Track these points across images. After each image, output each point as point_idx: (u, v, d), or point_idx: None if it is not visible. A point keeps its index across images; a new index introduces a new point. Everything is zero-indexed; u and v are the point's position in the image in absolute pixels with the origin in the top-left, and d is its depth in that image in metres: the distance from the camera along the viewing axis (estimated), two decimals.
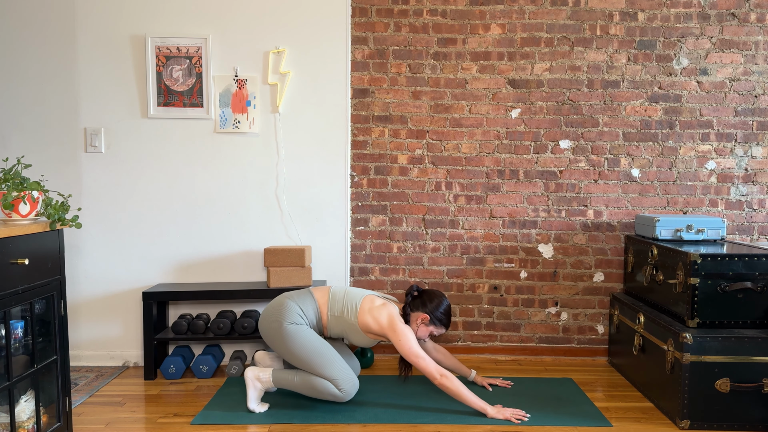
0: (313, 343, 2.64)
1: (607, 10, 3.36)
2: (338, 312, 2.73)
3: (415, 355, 2.62)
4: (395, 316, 2.69)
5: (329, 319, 2.74)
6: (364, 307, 2.72)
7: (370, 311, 2.70)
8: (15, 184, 2.12)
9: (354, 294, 2.78)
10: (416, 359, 2.61)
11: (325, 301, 2.76)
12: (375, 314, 2.69)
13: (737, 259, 2.58)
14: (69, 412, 2.37)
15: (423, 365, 2.61)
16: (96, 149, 3.33)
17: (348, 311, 2.72)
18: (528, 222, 3.46)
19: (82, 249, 3.37)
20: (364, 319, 2.70)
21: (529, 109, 3.41)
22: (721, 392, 2.50)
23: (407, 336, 2.64)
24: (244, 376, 2.72)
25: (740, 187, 3.42)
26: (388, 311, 2.70)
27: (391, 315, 2.69)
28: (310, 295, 2.77)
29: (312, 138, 3.39)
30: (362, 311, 2.71)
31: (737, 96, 3.38)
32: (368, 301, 2.74)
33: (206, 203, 3.39)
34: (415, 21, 3.37)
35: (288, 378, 2.70)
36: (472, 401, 2.61)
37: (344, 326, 2.74)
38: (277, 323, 2.66)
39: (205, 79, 3.31)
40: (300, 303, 2.72)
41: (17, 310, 2.18)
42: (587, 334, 3.50)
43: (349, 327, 2.73)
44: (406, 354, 2.63)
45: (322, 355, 2.63)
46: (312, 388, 2.65)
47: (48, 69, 3.28)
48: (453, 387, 2.59)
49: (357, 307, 2.72)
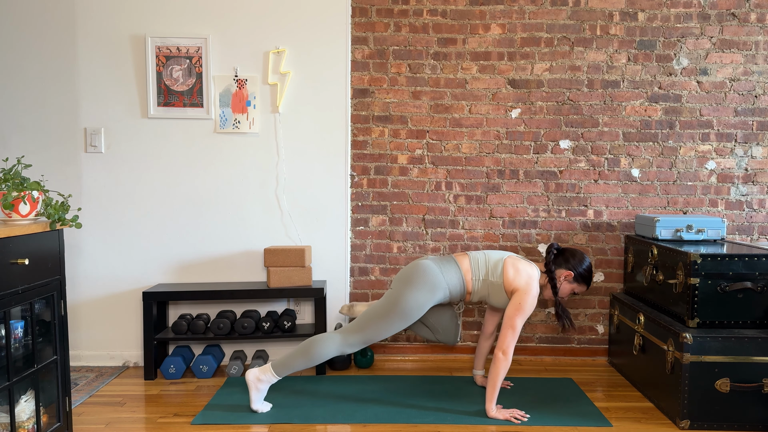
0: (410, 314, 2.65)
1: (607, 10, 3.36)
2: (483, 275, 2.74)
3: (514, 324, 2.62)
4: (534, 282, 2.68)
5: (473, 284, 2.74)
6: (509, 261, 2.73)
7: (514, 264, 2.71)
8: (15, 184, 2.12)
9: (495, 256, 2.78)
10: (510, 329, 2.61)
11: (468, 268, 2.75)
12: (519, 267, 2.70)
13: (737, 259, 2.58)
14: (69, 412, 2.37)
15: (508, 335, 2.61)
16: (96, 149, 3.33)
17: (492, 272, 2.73)
18: (528, 222, 3.46)
19: (82, 249, 3.37)
20: (507, 272, 2.70)
21: (529, 109, 3.41)
22: (721, 392, 2.50)
23: (526, 307, 2.64)
24: (246, 378, 2.72)
25: (740, 187, 3.42)
26: (532, 272, 2.70)
27: (531, 277, 2.68)
28: (454, 264, 2.76)
29: (312, 138, 3.39)
30: (506, 266, 2.71)
31: (737, 96, 3.38)
32: (512, 259, 2.75)
33: (206, 203, 3.39)
34: (415, 21, 3.38)
35: (288, 359, 2.68)
36: (493, 391, 2.63)
37: (488, 288, 2.74)
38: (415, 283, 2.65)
39: (205, 79, 3.31)
40: (446, 275, 2.70)
41: (17, 310, 2.18)
42: (587, 334, 3.50)
43: (493, 287, 2.73)
44: (509, 315, 2.63)
45: (397, 323, 2.65)
46: (316, 350, 2.65)
47: (48, 69, 3.28)
48: (500, 368, 2.60)
49: (501, 267, 2.73)
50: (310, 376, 3.20)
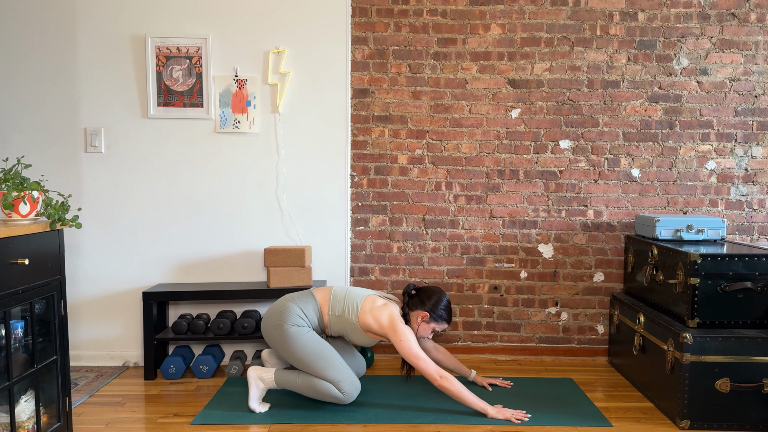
0: (315, 346, 2.64)
1: (607, 10, 3.36)
2: (339, 311, 2.73)
3: (415, 356, 2.62)
4: (396, 317, 2.68)
5: (330, 318, 2.74)
6: (365, 307, 2.72)
7: (371, 311, 2.70)
8: (15, 184, 2.12)
9: (355, 294, 2.78)
10: (416, 360, 2.61)
11: (326, 301, 2.76)
12: (376, 314, 2.69)
13: (737, 259, 2.58)
14: (69, 412, 2.37)
15: (423, 366, 2.61)
16: (96, 149, 3.33)
17: (349, 311, 2.72)
18: (528, 222, 3.46)
19: (82, 249, 3.37)
20: (365, 318, 2.70)
21: (529, 109, 3.41)
22: (721, 392, 2.50)
23: (407, 337, 2.64)
24: (247, 375, 2.72)
25: (740, 187, 3.42)
26: (389, 311, 2.70)
27: (391, 315, 2.68)
28: (311, 296, 2.77)
29: (312, 138, 3.39)
30: (363, 311, 2.71)
31: (737, 96, 3.38)
32: (369, 300, 2.74)
33: (206, 203, 3.39)
34: (415, 21, 3.37)
35: (290, 379, 2.70)
36: (473, 402, 2.61)
37: (345, 325, 2.74)
38: (279, 326, 2.67)
39: (205, 79, 3.31)
40: (301, 305, 2.72)
41: (17, 310, 2.18)
42: (587, 334, 3.50)
43: (350, 326, 2.73)
44: (406, 355, 2.63)
45: (323, 358, 2.63)
46: (314, 389, 2.65)
47: (48, 69, 3.28)
48: (453, 389, 2.59)
49: (358, 306, 2.72)
50: None
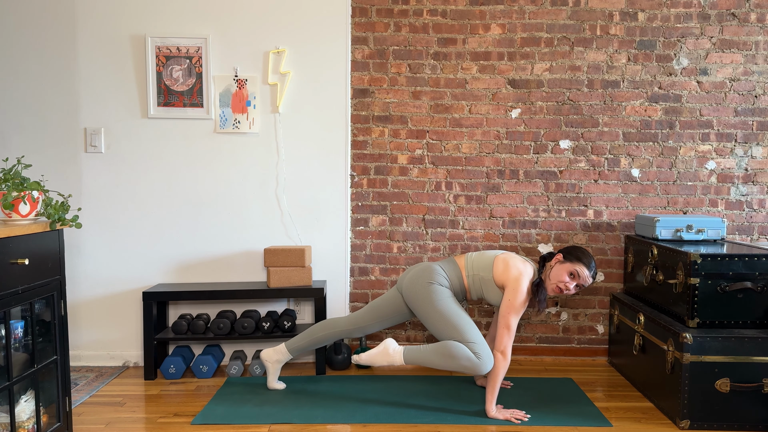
0: (454, 306, 2.68)
1: (607, 10, 3.36)
2: (474, 269, 2.76)
3: (508, 323, 2.61)
4: (525, 277, 2.65)
5: (468, 280, 2.77)
6: (500, 257, 2.74)
7: (504, 260, 2.72)
8: (15, 184, 2.12)
9: (488, 253, 2.81)
10: (505, 327, 2.61)
11: (463, 264, 2.79)
12: (509, 262, 2.70)
13: (737, 259, 2.58)
14: (69, 412, 2.37)
15: (504, 335, 2.61)
16: (96, 149, 3.33)
17: (483, 267, 2.75)
18: (528, 222, 3.46)
19: (82, 249, 3.37)
20: (497, 267, 2.70)
21: (529, 109, 3.41)
22: (721, 392, 2.50)
23: (519, 303, 2.62)
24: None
25: (740, 187, 3.42)
26: (523, 269, 2.67)
27: (522, 272, 2.66)
28: (453, 262, 2.82)
29: (312, 138, 3.39)
30: (497, 260, 2.73)
31: (737, 96, 3.38)
32: (504, 255, 2.76)
33: (206, 203, 3.39)
34: (415, 21, 3.37)
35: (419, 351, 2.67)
36: (493, 392, 2.63)
37: (480, 283, 2.76)
38: (425, 283, 2.71)
39: (205, 79, 3.31)
40: (445, 268, 2.78)
41: (17, 310, 2.18)
42: (587, 334, 3.50)
43: (485, 283, 2.74)
44: (503, 314, 2.62)
45: (462, 318, 2.65)
46: (448, 352, 2.60)
47: (48, 69, 3.28)
48: (499, 368, 2.60)
49: (492, 261, 2.74)
50: (309, 376, 3.20)
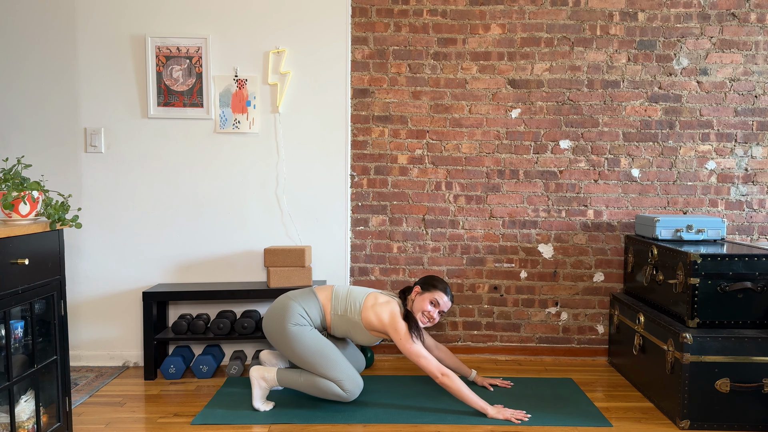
0: (317, 344, 2.65)
1: (607, 10, 3.36)
2: (341, 311, 2.74)
3: (417, 354, 2.62)
4: (397, 314, 2.69)
5: (333, 318, 2.75)
6: (367, 304, 2.72)
7: (373, 307, 2.71)
8: (15, 184, 2.12)
9: (357, 292, 2.79)
10: (417, 358, 2.62)
11: (328, 300, 2.76)
12: (377, 310, 2.70)
13: (737, 259, 2.58)
14: (69, 412, 2.37)
15: (425, 364, 2.61)
16: (96, 149, 3.33)
17: (351, 309, 2.73)
18: (528, 222, 3.46)
19: (82, 249, 3.37)
20: (367, 315, 2.70)
21: (529, 109, 3.41)
22: (721, 392, 2.50)
23: (406, 336, 2.64)
24: (249, 375, 2.72)
25: (740, 187, 3.42)
26: (391, 308, 2.70)
27: (393, 312, 2.69)
28: (313, 295, 2.77)
29: (312, 138, 3.39)
30: (365, 308, 2.71)
31: (737, 96, 3.38)
32: (371, 298, 2.75)
33: (206, 203, 3.38)
34: (415, 21, 3.37)
35: (293, 377, 2.70)
36: (473, 401, 2.61)
37: (348, 325, 2.75)
38: (281, 325, 2.67)
39: (205, 79, 3.31)
40: (303, 304, 2.72)
41: (17, 310, 2.18)
42: (587, 334, 3.50)
43: (353, 325, 2.74)
44: (407, 352, 2.63)
45: (325, 357, 2.63)
46: (316, 388, 2.65)
47: (48, 69, 3.28)
48: (454, 386, 2.60)
49: (360, 304, 2.73)
50: None
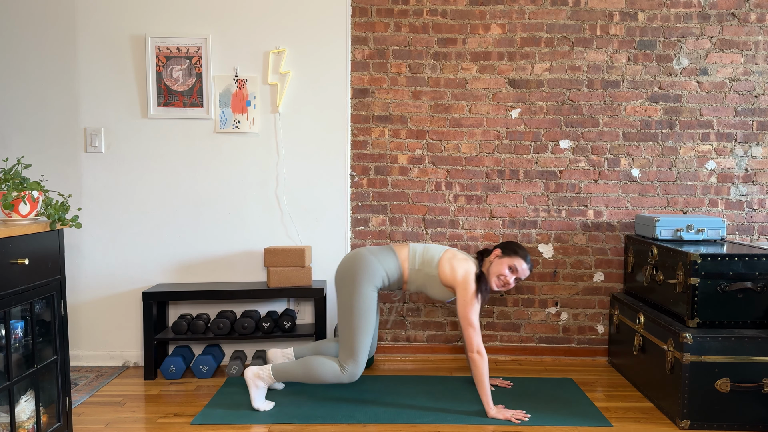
0: (369, 317, 2.68)
1: (607, 10, 3.36)
2: (419, 265, 2.76)
3: (470, 321, 2.63)
4: (471, 275, 2.69)
5: (410, 273, 2.77)
6: (445, 257, 2.74)
7: (450, 260, 2.72)
8: (15, 184, 2.12)
9: (435, 248, 2.82)
10: (468, 326, 2.63)
11: (406, 257, 2.79)
12: (454, 263, 2.71)
13: (737, 259, 2.58)
14: (69, 412, 2.37)
15: (471, 334, 2.62)
16: (96, 149, 3.33)
17: (428, 263, 2.75)
18: (528, 222, 3.46)
19: (82, 249, 3.37)
20: (443, 268, 2.72)
21: (529, 109, 3.41)
22: (721, 392, 2.50)
23: (473, 300, 2.65)
24: (245, 376, 2.72)
25: (740, 187, 3.42)
26: (468, 267, 2.71)
27: (468, 271, 2.69)
28: (392, 253, 2.80)
29: (312, 138, 3.39)
30: (442, 260, 2.73)
31: (737, 96, 3.38)
32: (450, 253, 2.77)
33: (206, 203, 3.39)
34: (415, 21, 3.37)
35: (288, 368, 2.70)
36: (485, 393, 2.62)
37: (424, 279, 2.77)
38: (358, 281, 2.69)
39: (205, 79, 3.31)
40: (383, 261, 2.75)
41: (17, 310, 2.18)
42: (587, 334, 3.50)
43: (429, 279, 2.75)
44: (462, 315, 2.65)
45: (364, 331, 2.67)
46: (314, 372, 2.66)
47: (48, 69, 3.28)
48: (481, 368, 2.61)
49: (438, 258, 2.75)
50: None
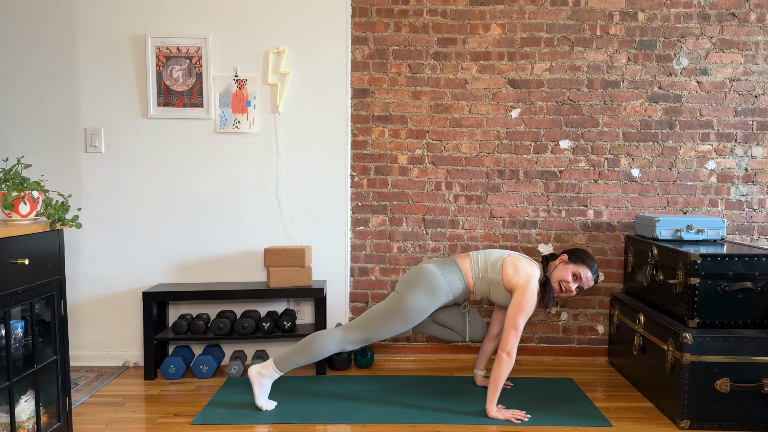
0: (410, 315, 2.69)
1: (607, 10, 3.36)
2: (482, 273, 2.77)
3: (515, 324, 2.63)
4: (534, 280, 2.70)
5: (474, 282, 2.78)
6: (508, 260, 2.75)
7: (513, 263, 2.74)
8: (15, 184, 2.12)
9: (497, 253, 2.83)
10: (512, 328, 2.63)
11: (468, 267, 2.79)
12: (518, 265, 2.72)
13: (737, 259, 2.58)
14: (69, 412, 2.37)
15: (511, 335, 2.63)
16: (96, 149, 3.33)
17: (491, 269, 2.76)
18: (528, 222, 3.46)
19: (82, 249, 3.37)
20: (507, 271, 2.72)
21: (529, 109, 3.41)
22: (721, 392, 2.50)
23: (527, 305, 2.65)
24: (249, 375, 2.73)
25: (740, 187, 3.42)
26: (532, 270, 2.72)
27: (531, 275, 2.70)
28: (453, 263, 2.80)
29: (312, 138, 3.39)
30: (505, 264, 2.74)
31: (737, 96, 3.38)
32: (512, 256, 2.78)
33: (206, 203, 3.39)
34: (415, 21, 3.37)
35: (289, 355, 2.70)
36: (495, 392, 2.63)
37: (488, 285, 2.77)
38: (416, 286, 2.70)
39: (205, 79, 3.31)
40: (445, 271, 2.75)
41: (17, 310, 2.18)
42: (587, 334, 3.50)
43: (493, 285, 2.76)
44: (511, 315, 2.65)
45: (397, 325, 2.70)
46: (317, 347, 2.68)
47: (48, 69, 3.28)
48: (503, 369, 2.61)
49: (501, 263, 2.76)
50: (310, 376, 3.20)
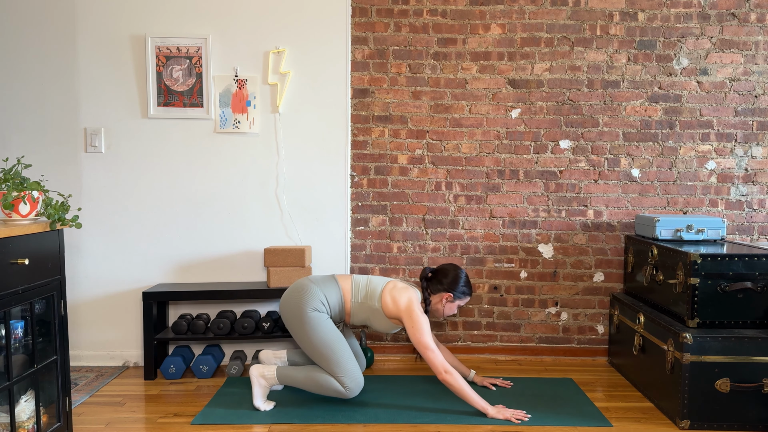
0: (329, 335, 2.65)
1: (607, 10, 3.36)
2: (361, 298, 2.75)
3: (425, 346, 2.62)
4: (414, 302, 2.69)
5: (353, 306, 2.75)
6: (386, 288, 2.74)
7: (391, 291, 2.72)
8: (15, 184, 2.12)
9: (377, 280, 2.81)
10: (425, 350, 2.62)
11: (348, 288, 2.77)
12: (395, 294, 2.71)
13: (737, 259, 2.58)
14: (69, 412, 2.37)
15: (431, 357, 2.61)
16: (96, 149, 3.33)
17: (371, 296, 2.74)
18: (528, 222, 3.46)
19: (82, 249, 3.37)
20: (385, 299, 2.71)
21: (529, 109, 3.41)
22: (721, 392, 2.50)
23: (422, 325, 2.64)
24: (249, 373, 2.73)
25: (740, 187, 3.42)
26: (409, 295, 2.71)
27: (410, 299, 2.69)
28: (334, 282, 2.77)
29: (312, 138, 3.39)
30: (384, 292, 2.73)
31: (737, 96, 3.38)
32: (391, 284, 2.76)
33: (206, 203, 3.39)
34: (415, 21, 3.37)
35: (292, 374, 2.70)
36: (475, 400, 2.61)
37: (368, 312, 2.75)
38: (299, 307, 2.67)
39: (205, 79, 3.31)
40: (324, 290, 2.73)
41: (17, 310, 2.18)
42: (587, 334, 3.50)
43: (373, 312, 2.74)
44: (416, 343, 2.64)
45: (334, 350, 2.64)
46: (317, 384, 2.65)
47: (48, 69, 3.28)
48: (456, 384, 2.60)
49: (380, 291, 2.74)
50: None
